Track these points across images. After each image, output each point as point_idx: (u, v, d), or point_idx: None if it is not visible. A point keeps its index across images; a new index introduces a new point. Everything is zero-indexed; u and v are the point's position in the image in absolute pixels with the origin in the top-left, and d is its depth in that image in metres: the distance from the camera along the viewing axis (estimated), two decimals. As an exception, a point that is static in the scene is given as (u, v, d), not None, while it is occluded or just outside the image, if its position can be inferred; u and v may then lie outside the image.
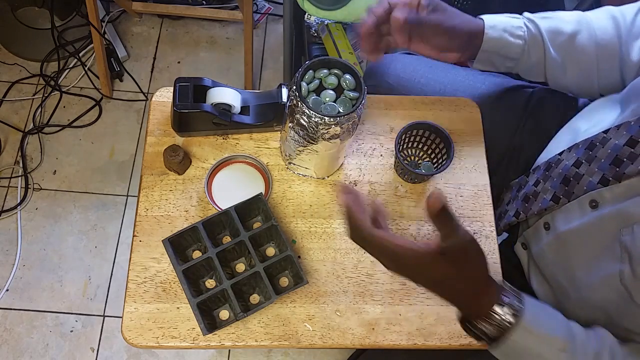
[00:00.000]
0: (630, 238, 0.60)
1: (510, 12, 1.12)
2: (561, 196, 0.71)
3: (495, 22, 0.76)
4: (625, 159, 0.63)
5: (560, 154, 0.75)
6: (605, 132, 0.68)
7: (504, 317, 0.57)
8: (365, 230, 0.54)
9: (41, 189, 1.53)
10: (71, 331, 1.38)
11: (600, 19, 0.77)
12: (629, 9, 0.77)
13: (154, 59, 1.72)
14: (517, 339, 0.57)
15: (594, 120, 0.77)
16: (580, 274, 0.68)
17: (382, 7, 0.70)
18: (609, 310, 0.64)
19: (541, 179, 0.76)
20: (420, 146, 0.80)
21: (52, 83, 1.63)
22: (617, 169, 0.64)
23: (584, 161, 0.69)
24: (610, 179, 0.64)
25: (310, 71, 0.65)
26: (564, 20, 0.78)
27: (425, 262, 0.54)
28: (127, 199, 1.53)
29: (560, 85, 0.82)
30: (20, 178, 1.52)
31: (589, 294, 0.67)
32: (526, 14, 0.80)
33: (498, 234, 0.79)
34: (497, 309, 0.57)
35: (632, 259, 0.59)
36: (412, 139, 0.79)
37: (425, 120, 0.76)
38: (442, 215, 0.52)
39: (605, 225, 0.64)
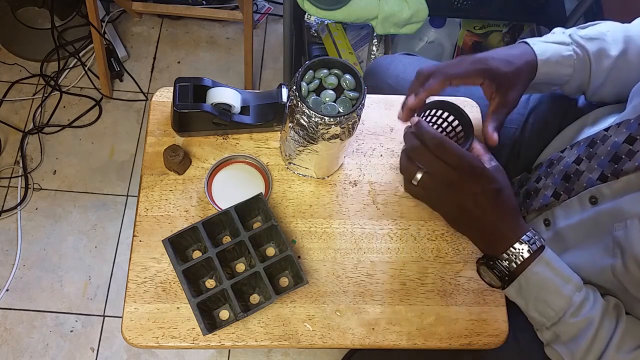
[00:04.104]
0: (623, 233, 0.60)
1: (511, 11, 1.12)
2: (561, 192, 0.71)
3: (548, 55, 0.74)
4: (623, 156, 0.64)
5: (562, 151, 0.75)
6: (607, 129, 0.68)
7: (522, 251, 0.62)
8: (440, 136, 0.62)
9: (41, 189, 1.53)
10: (71, 331, 1.38)
11: None
12: None
13: (154, 59, 1.72)
14: (538, 270, 0.62)
15: (600, 119, 0.77)
16: (577, 270, 0.68)
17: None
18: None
19: (543, 176, 0.77)
20: (437, 128, 0.76)
21: (52, 83, 1.63)
22: (616, 166, 0.64)
23: (584, 158, 0.70)
24: (609, 175, 0.65)
25: (310, 71, 0.65)
26: (610, 41, 0.75)
27: (481, 167, 0.62)
28: (127, 199, 1.53)
29: (596, 99, 0.81)
30: (20, 178, 1.52)
31: None
32: (573, 34, 0.77)
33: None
34: (517, 244, 0.62)
35: (624, 254, 0.60)
36: (430, 119, 0.76)
37: (447, 99, 0.72)
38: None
39: (601, 220, 0.65)
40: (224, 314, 0.69)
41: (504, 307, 0.71)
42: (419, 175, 0.65)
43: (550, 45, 0.75)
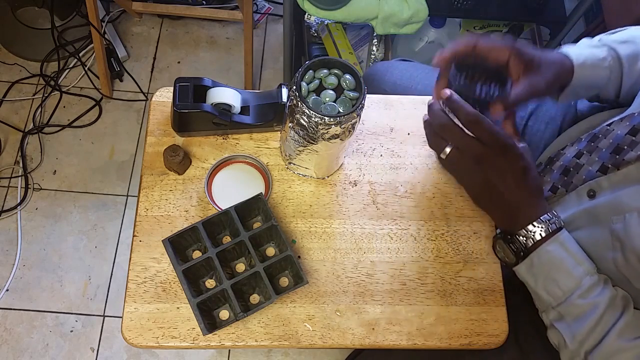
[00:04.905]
0: (622, 226, 0.60)
1: (511, 11, 1.12)
2: (559, 186, 0.72)
3: (584, 58, 0.73)
4: (625, 147, 0.64)
5: (562, 148, 0.75)
6: (609, 124, 0.68)
7: (539, 230, 0.63)
8: (474, 112, 0.62)
9: (41, 189, 1.53)
10: (71, 331, 1.38)
11: None
12: None
13: (154, 59, 1.72)
14: (551, 248, 0.62)
15: (607, 119, 0.77)
16: None
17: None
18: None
19: (541, 173, 0.77)
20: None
21: (52, 83, 1.63)
22: (617, 157, 0.64)
23: (585, 152, 0.70)
24: (609, 166, 0.65)
25: (310, 71, 0.65)
26: None
27: (512, 144, 0.62)
28: (127, 199, 1.53)
29: (626, 101, 0.79)
30: (20, 178, 1.52)
31: None
32: (602, 39, 0.77)
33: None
34: (535, 223, 0.63)
35: (624, 247, 0.60)
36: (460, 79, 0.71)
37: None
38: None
39: (599, 213, 0.65)
40: (224, 314, 0.69)
41: (504, 307, 0.71)
42: (447, 149, 0.65)
43: (583, 49, 0.74)
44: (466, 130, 0.64)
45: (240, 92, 0.76)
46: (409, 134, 0.81)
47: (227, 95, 0.73)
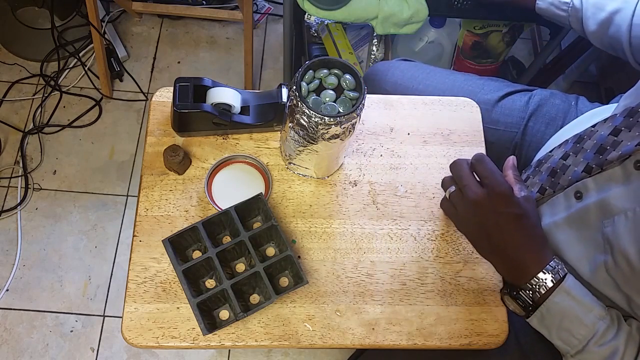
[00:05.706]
0: (612, 229, 0.61)
1: (511, 11, 1.14)
2: (547, 187, 0.72)
3: None
4: (608, 147, 0.65)
5: (551, 151, 0.76)
6: (594, 126, 0.69)
7: (545, 281, 0.62)
8: (483, 154, 0.65)
9: (41, 189, 1.53)
10: (71, 331, 1.38)
11: None
12: None
13: (154, 59, 1.72)
14: (558, 300, 0.61)
15: (592, 120, 0.78)
16: (573, 269, 0.68)
17: None
18: (620, 303, 0.65)
19: (530, 175, 0.77)
20: None
21: (52, 83, 1.63)
22: (600, 157, 0.65)
23: (571, 153, 0.70)
24: (594, 166, 0.65)
25: (310, 71, 0.65)
26: None
27: (508, 189, 0.62)
28: (127, 199, 1.53)
29: (597, 44, 0.87)
30: (20, 178, 1.52)
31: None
32: None
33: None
34: (540, 274, 0.62)
35: (613, 249, 0.60)
36: None
37: None
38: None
39: (589, 216, 0.65)
40: (224, 314, 0.69)
41: (504, 307, 0.71)
42: (452, 188, 0.67)
43: None
44: (474, 175, 0.65)
45: (240, 92, 0.76)
46: (409, 134, 0.81)
47: (227, 95, 0.73)
